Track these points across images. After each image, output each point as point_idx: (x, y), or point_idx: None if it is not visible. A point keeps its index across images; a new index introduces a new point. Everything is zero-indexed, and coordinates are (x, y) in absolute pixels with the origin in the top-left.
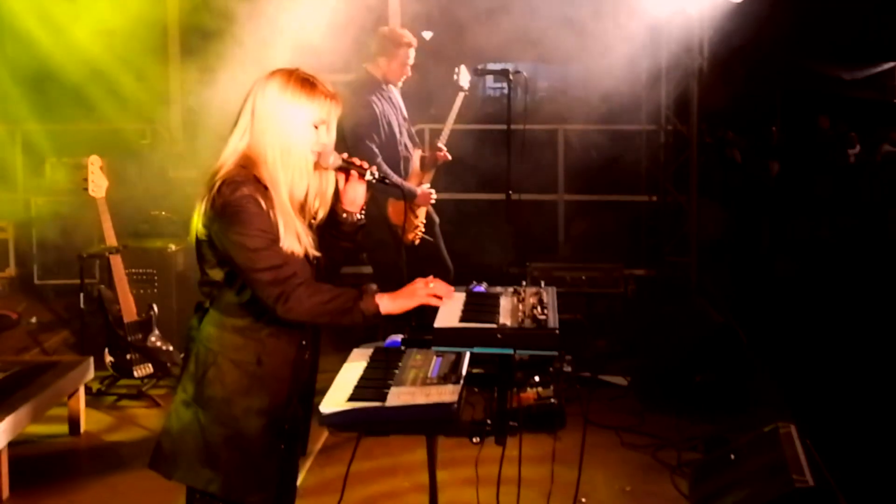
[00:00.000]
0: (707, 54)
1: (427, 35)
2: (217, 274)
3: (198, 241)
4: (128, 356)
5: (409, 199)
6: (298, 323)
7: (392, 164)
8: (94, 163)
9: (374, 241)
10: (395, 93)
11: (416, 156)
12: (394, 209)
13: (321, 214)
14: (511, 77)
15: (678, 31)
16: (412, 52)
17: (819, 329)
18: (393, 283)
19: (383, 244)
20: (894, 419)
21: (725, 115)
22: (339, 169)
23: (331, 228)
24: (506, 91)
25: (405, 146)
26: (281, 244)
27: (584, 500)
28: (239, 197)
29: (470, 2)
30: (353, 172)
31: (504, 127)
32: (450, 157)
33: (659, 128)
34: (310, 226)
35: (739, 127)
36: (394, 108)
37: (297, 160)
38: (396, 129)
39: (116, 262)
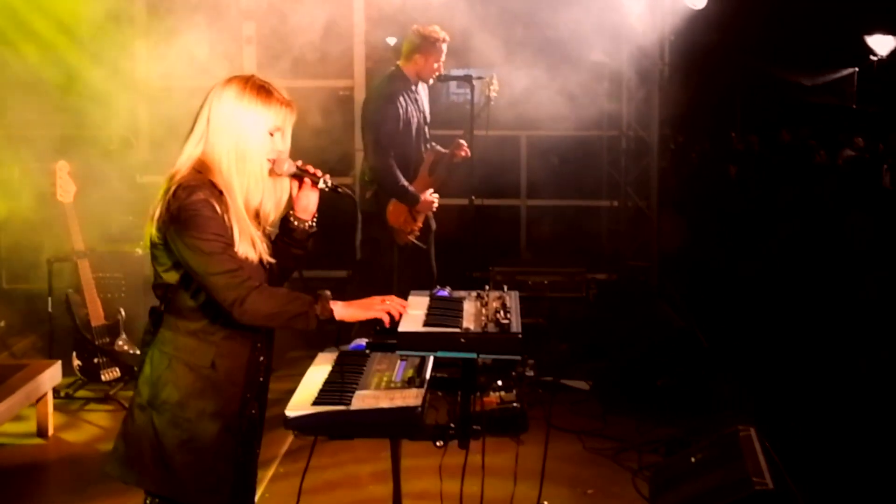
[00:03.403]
0: (668, 60)
1: (391, 41)
2: (172, 277)
3: (152, 244)
4: (95, 360)
5: (410, 203)
6: (253, 326)
7: (403, 166)
8: (62, 168)
9: (367, 236)
10: (423, 93)
11: (426, 160)
12: (394, 209)
13: (273, 219)
14: (473, 83)
15: (640, 37)
16: (445, 48)
17: (780, 332)
18: (376, 280)
19: (375, 241)
20: (853, 421)
21: (686, 121)
22: (292, 176)
23: (283, 235)
24: (468, 97)
25: (419, 150)
26: (235, 249)
27: (546, 503)
28: (195, 201)
29: (432, 8)
30: (307, 180)
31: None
32: (469, 154)
33: (620, 133)
34: (263, 232)
35: (699, 132)
36: (417, 109)
37: (252, 167)
38: (414, 132)
39: (84, 267)
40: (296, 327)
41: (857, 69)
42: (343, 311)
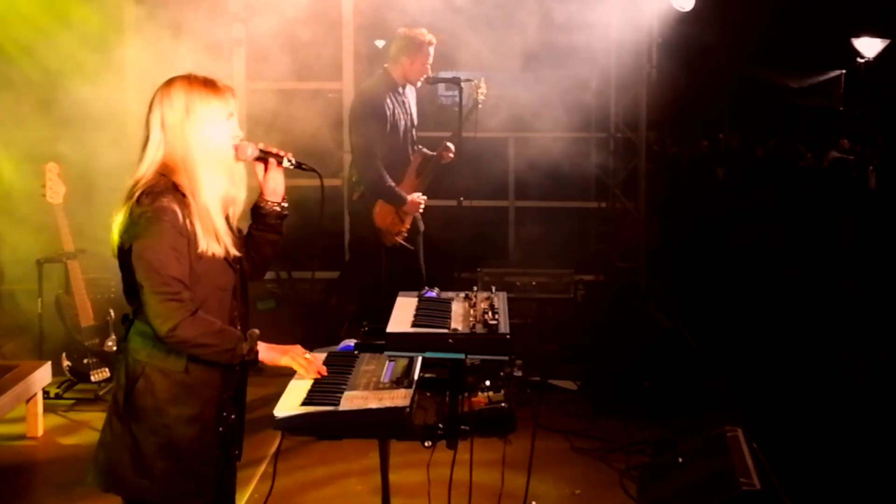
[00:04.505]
0: (656, 62)
1: (380, 44)
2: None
3: (119, 251)
4: (85, 361)
5: (397, 204)
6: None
7: (392, 168)
8: (52, 169)
9: (355, 237)
10: (411, 95)
11: (414, 162)
12: (380, 210)
13: (243, 209)
14: (462, 85)
15: (627, 40)
16: (432, 51)
17: (768, 333)
18: (365, 281)
19: (363, 242)
20: (841, 421)
21: (674, 123)
22: (257, 159)
23: (255, 223)
24: (457, 99)
25: (406, 152)
26: (199, 248)
27: (533, 503)
28: (157, 208)
29: (421, 11)
30: (272, 161)
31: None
32: (452, 157)
33: (608, 135)
34: (233, 229)
35: (687, 134)
36: (405, 112)
37: (218, 156)
38: (401, 134)
39: (74, 268)
40: (218, 361)
41: (844, 71)
42: (265, 353)
